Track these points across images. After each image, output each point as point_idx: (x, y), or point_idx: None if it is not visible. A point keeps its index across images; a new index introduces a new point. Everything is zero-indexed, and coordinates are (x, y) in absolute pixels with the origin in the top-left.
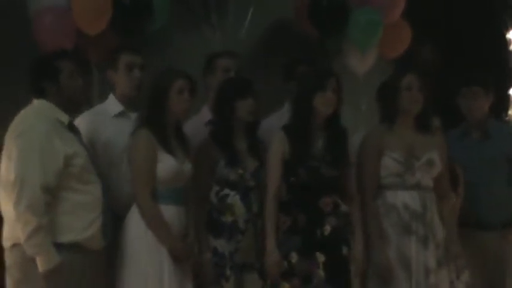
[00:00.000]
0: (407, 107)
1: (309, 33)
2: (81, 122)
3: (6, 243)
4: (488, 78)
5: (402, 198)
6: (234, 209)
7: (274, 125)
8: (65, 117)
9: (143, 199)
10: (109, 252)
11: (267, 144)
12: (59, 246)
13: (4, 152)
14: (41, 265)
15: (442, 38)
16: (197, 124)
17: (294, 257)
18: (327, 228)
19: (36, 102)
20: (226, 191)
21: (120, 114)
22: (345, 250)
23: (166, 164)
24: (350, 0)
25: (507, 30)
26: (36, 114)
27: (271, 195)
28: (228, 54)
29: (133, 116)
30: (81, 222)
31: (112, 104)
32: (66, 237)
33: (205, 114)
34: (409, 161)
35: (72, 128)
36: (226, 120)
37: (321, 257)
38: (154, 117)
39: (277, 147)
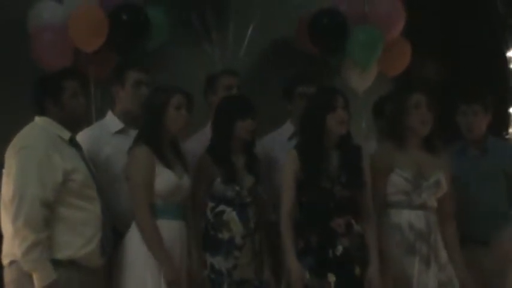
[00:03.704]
0: (416, 127)
1: (309, 51)
2: (82, 138)
3: (5, 260)
4: (487, 96)
5: (407, 217)
6: (230, 226)
7: (276, 141)
8: (65, 133)
9: (142, 215)
10: (109, 270)
11: (269, 161)
12: (56, 263)
13: (5, 170)
14: (37, 281)
15: (442, 56)
16: (202, 139)
17: (306, 277)
18: (339, 249)
19: (37, 119)
20: (222, 207)
21: (121, 132)
22: (357, 270)
23: (165, 179)
24: (350, 17)
25: (507, 48)
26: (37, 130)
27: (285, 214)
28: (229, 72)
29: (134, 133)
30: (79, 239)
31: (111, 121)
32: (64, 254)
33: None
34: (417, 180)
35: (74, 144)
36: (225, 139)
37: (332, 278)
38: (152, 133)
39: (290, 167)
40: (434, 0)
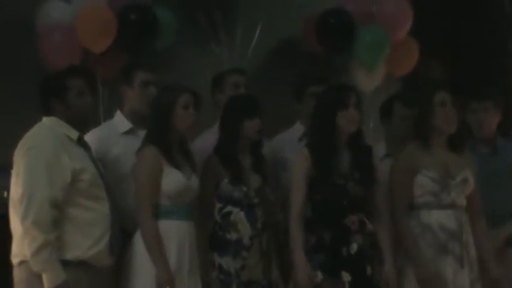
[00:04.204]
0: (442, 125)
1: (315, 51)
2: (90, 139)
3: (14, 260)
4: (498, 93)
5: (437, 217)
6: (238, 226)
7: (286, 142)
8: (74, 133)
9: (144, 217)
10: (117, 270)
11: (278, 161)
12: (65, 264)
13: (13, 170)
14: (47, 282)
15: (449, 56)
16: (210, 138)
17: (319, 276)
18: (354, 247)
19: (45, 120)
20: (230, 208)
21: (129, 132)
22: (368, 270)
23: (174, 179)
24: (357, 17)
25: None
26: (44, 130)
27: (295, 213)
28: (236, 71)
29: (142, 133)
30: (88, 240)
31: (120, 121)
32: (73, 254)
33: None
34: (445, 180)
35: (82, 144)
36: (233, 139)
37: (346, 277)
38: (160, 133)
39: (301, 165)
40: None
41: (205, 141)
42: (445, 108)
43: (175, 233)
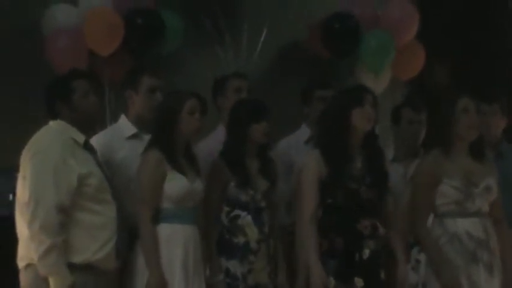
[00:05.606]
0: (465, 132)
1: (321, 55)
2: (95, 143)
3: (21, 264)
4: (506, 97)
5: (463, 226)
6: (245, 230)
7: (293, 145)
8: (80, 137)
9: (143, 220)
10: (122, 271)
11: (285, 165)
12: (72, 267)
13: (20, 173)
14: (53, 285)
15: (455, 60)
16: (214, 142)
17: (332, 282)
18: (366, 252)
19: (51, 123)
20: (237, 211)
21: (134, 136)
22: (382, 275)
23: (178, 184)
24: (363, 21)
25: None
26: (51, 134)
27: (307, 217)
28: (238, 75)
29: (147, 137)
30: (95, 243)
31: (125, 125)
32: (80, 258)
33: (222, 133)
34: (468, 188)
35: (88, 147)
36: (240, 143)
37: (359, 282)
38: (165, 138)
39: (313, 167)
40: (447, 3)
41: (210, 144)
42: (469, 114)
43: (180, 237)
